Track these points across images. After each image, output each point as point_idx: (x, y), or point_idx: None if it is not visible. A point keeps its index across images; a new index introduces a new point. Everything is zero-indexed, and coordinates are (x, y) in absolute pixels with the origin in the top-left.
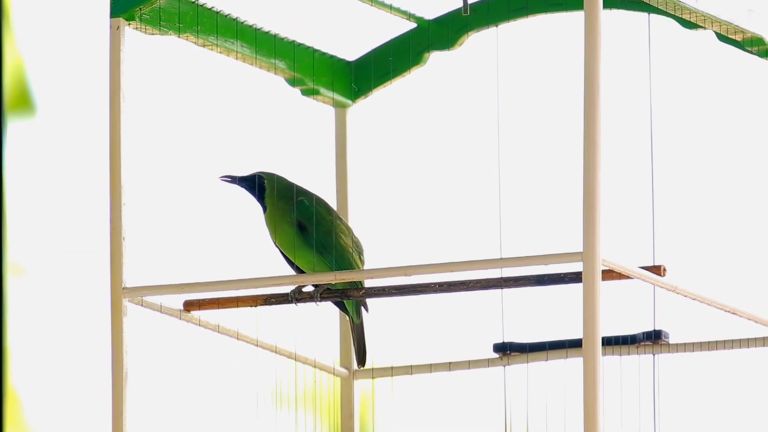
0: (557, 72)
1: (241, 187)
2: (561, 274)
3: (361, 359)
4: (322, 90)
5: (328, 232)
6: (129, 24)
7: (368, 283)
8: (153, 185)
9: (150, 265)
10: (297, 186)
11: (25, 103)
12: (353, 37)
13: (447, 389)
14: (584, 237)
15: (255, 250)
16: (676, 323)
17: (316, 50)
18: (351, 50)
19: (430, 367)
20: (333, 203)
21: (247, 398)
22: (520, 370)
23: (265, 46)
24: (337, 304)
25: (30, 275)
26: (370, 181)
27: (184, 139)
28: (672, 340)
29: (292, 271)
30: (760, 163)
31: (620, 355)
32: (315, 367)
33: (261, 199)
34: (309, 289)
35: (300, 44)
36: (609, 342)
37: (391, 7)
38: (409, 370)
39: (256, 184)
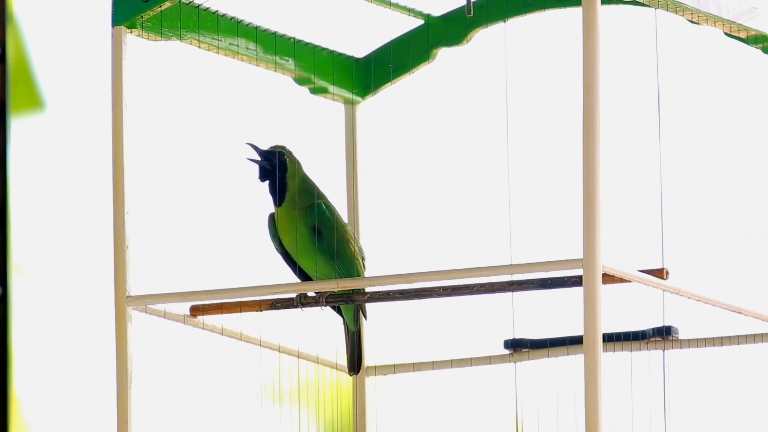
0: (566, 68)
1: (263, 164)
2: (564, 277)
3: (353, 367)
4: (331, 88)
5: (340, 239)
6: (131, 32)
7: (371, 288)
8: (156, 193)
9: (154, 273)
10: (311, 181)
11: (33, 99)
12: (361, 35)
13: (457, 386)
14: (584, 243)
15: (259, 257)
16: (685, 320)
17: (324, 48)
18: (359, 48)
19: (432, 365)
20: (342, 201)
21: (252, 399)
22: (529, 366)
23: (270, 45)
24: (334, 309)
25: (33, 282)
26: (379, 178)
27: (188, 145)
28: (681, 336)
29: (294, 278)
30: (764, 161)
31: (630, 351)
32: (328, 366)
33: (281, 180)
34: (313, 293)
35: (307, 43)
36: (619, 338)
37: (398, 5)
38: (412, 367)
39: (277, 163)
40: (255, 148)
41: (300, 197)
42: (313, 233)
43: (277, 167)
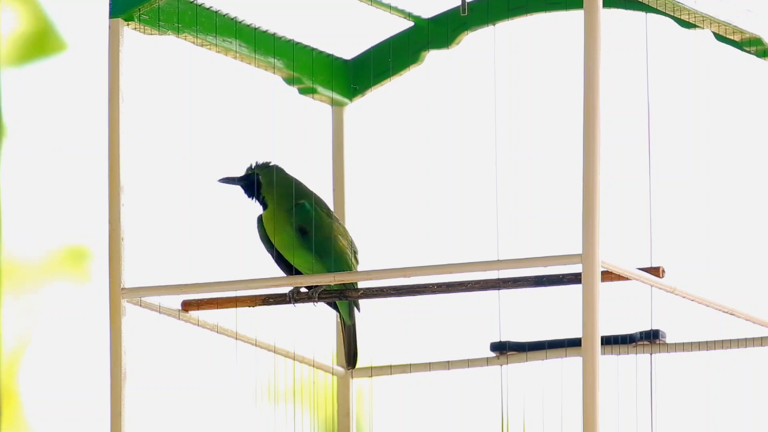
0: (555, 71)
1: (241, 186)
2: (560, 275)
3: (351, 361)
4: (320, 88)
5: (327, 236)
6: (128, 24)
7: (366, 284)
8: (152, 185)
9: (149, 266)
10: (296, 181)
11: (53, 41)
12: (350, 36)
13: (444, 388)
14: (583, 239)
15: (254, 251)
16: (673, 323)
17: (314, 49)
18: (348, 49)
19: (429, 366)
20: (330, 202)
21: (245, 397)
22: (517, 369)
23: (262, 45)
24: (330, 304)
25: (28, 274)
26: (367, 179)
27: (182, 139)
28: (669, 340)
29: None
30: (758, 164)
31: (617, 354)
32: (312, 365)
33: (259, 195)
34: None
35: (297, 43)
36: (606, 341)
37: (388, 6)
38: (408, 368)
39: (254, 183)
40: (227, 180)
41: (282, 201)
42: (300, 234)
43: (255, 188)
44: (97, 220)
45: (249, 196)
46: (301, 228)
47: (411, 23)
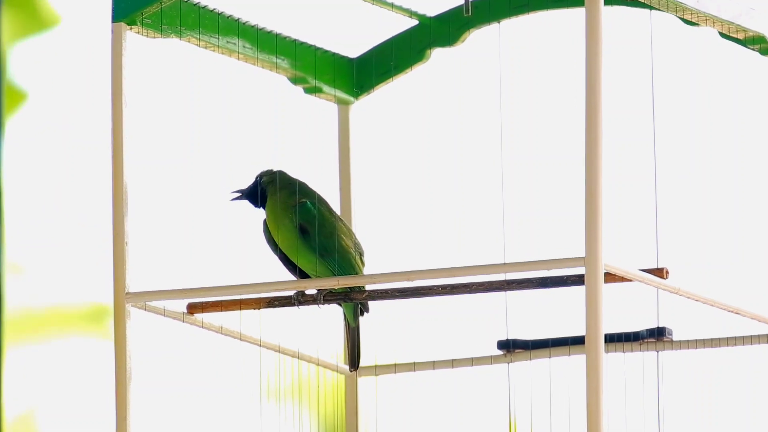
0: (560, 69)
1: (248, 200)
2: (564, 276)
3: (354, 363)
4: (325, 88)
5: (330, 236)
6: (131, 28)
7: (371, 286)
8: (156, 189)
9: (153, 271)
10: (299, 182)
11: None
12: (355, 35)
13: (450, 386)
14: (586, 241)
15: (258, 254)
16: (679, 321)
17: (318, 48)
18: (353, 48)
19: (433, 364)
20: (336, 201)
21: (250, 397)
22: (523, 367)
23: (266, 45)
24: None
25: (31, 278)
26: (373, 178)
27: (187, 142)
28: (675, 338)
29: (292, 275)
30: (761, 163)
31: (624, 352)
32: (317, 365)
33: (264, 202)
34: (312, 291)
35: (302, 42)
36: (612, 339)
37: (392, 5)
38: (412, 367)
39: (257, 190)
40: (238, 192)
41: (284, 199)
42: (301, 233)
43: (258, 197)
44: (101, 225)
45: (255, 206)
46: (302, 227)
47: (415, 21)
